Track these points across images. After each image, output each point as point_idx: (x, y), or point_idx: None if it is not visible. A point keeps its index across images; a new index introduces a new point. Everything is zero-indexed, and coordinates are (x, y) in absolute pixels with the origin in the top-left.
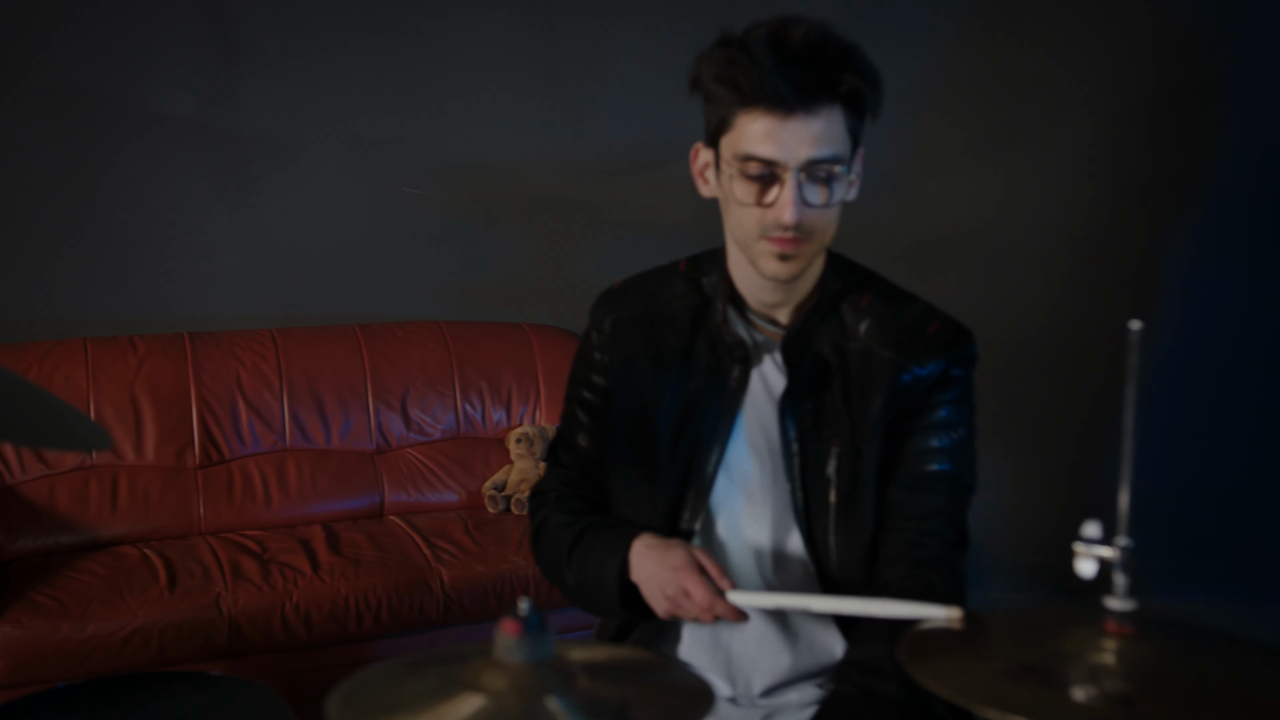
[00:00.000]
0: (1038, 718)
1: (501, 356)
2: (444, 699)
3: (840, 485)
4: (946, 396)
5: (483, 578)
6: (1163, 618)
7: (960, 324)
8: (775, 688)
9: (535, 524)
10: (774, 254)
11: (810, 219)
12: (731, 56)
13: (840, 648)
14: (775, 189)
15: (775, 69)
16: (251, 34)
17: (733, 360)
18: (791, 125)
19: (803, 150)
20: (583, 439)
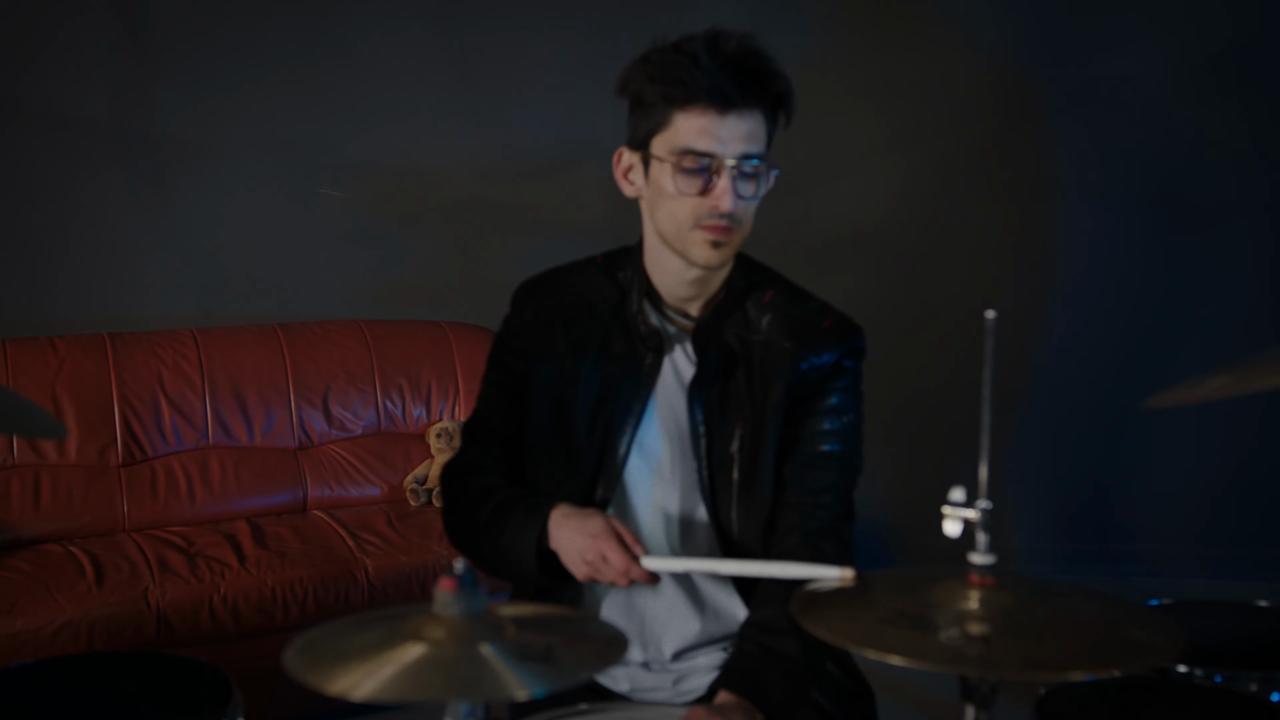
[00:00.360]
0: (909, 655)
1: (421, 354)
2: (390, 648)
3: (742, 463)
4: (838, 385)
5: (406, 567)
6: (1022, 574)
7: (851, 320)
8: (684, 651)
9: (449, 499)
10: (708, 241)
11: (740, 209)
12: (671, 59)
13: (743, 614)
14: (712, 180)
15: (717, 69)
16: (166, 36)
17: (647, 348)
18: (727, 122)
19: (736, 145)
20: (497, 420)
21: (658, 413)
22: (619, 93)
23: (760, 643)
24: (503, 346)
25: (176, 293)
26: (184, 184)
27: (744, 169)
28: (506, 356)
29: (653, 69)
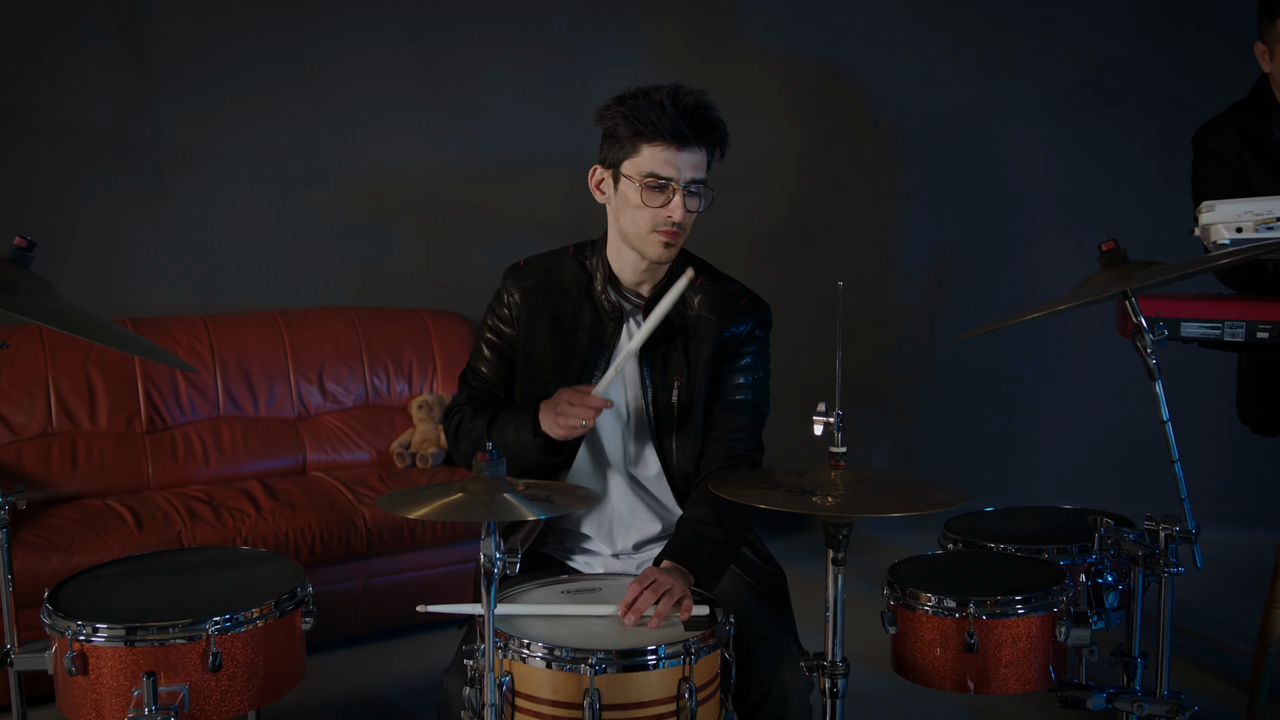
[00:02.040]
0: (791, 508)
1: (402, 337)
2: (446, 496)
3: (680, 409)
4: (751, 349)
5: (398, 516)
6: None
7: (762, 299)
8: (642, 544)
9: (452, 427)
10: (661, 242)
11: (686, 219)
12: (643, 104)
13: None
14: (669, 197)
15: (678, 116)
16: (166, 53)
17: (610, 320)
18: (683, 155)
19: (688, 173)
20: (486, 369)
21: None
22: (596, 122)
23: (692, 529)
24: (493, 314)
25: (178, 285)
26: (182, 186)
27: (691, 190)
28: (497, 322)
29: (628, 110)
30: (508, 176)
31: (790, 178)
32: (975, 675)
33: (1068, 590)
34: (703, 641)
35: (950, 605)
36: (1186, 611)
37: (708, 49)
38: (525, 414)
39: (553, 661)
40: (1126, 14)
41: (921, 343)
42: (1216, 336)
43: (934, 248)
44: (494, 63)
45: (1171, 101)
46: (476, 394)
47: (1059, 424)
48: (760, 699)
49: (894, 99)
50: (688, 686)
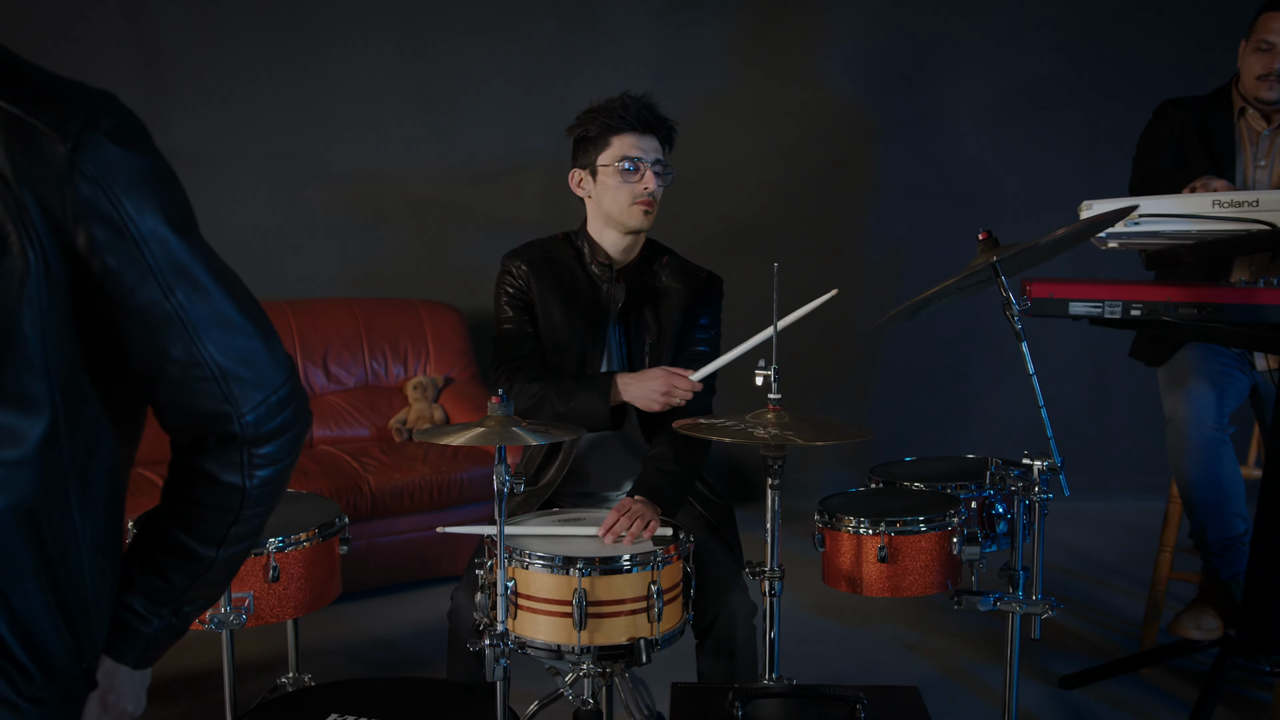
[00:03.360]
0: (736, 438)
1: (398, 325)
2: (470, 430)
3: (651, 360)
4: (707, 310)
5: (399, 482)
6: (800, 411)
7: (716, 274)
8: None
9: (509, 381)
10: (642, 211)
11: (658, 190)
12: (607, 106)
13: None
14: (642, 173)
15: (637, 110)
16: (176, 66)
17: (601, 282)
18: (645, 139)
19: (652, 153)
20: (514, 326)
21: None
22: (568, 134)
23: (655, 466)
24: (505, 287)
25: None
26: (192, 188)
27: (655, 168)
28: (512, 291)
29: (596, 115)
30: (491, 178)
31: (755, 177)
32: (888, 581)
33: (961, 515)
34: (666, 553)
35: (866, 525)
36: (1106, 568)
37: (678, 60)
38: (594, 385)
39: (549, 566)
40: (1052, 34)
41: (874, 329)
42: (1099, 314)
43: (885, 241)
44: (478, 74)
45: (1092, 111)
46: (519, 356)
47: (992, 399)
48: (712, 621)
49: (851, 106)
50: (655, 588)
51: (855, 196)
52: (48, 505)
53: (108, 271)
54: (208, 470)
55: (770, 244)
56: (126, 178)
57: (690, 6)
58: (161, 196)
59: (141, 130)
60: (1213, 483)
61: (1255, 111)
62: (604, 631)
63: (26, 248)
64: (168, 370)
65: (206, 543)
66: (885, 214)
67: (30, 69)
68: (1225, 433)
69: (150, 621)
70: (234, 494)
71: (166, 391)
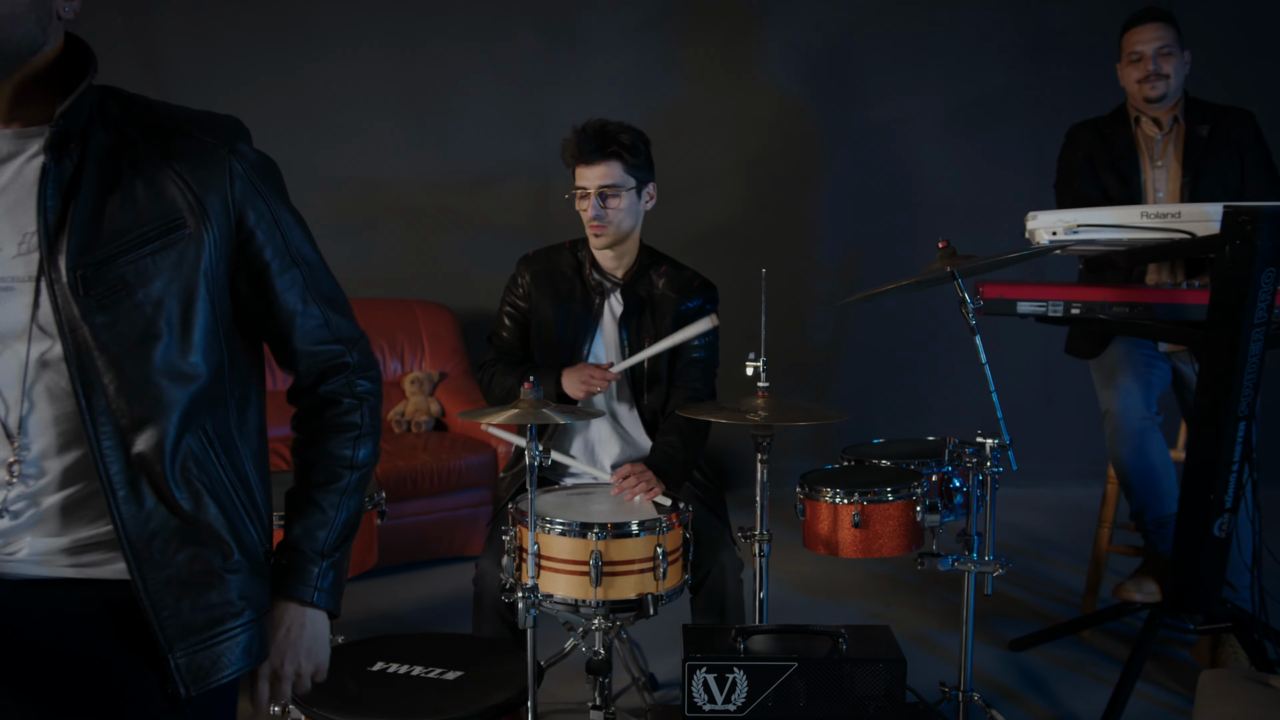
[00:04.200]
0: (730, 419)
1: (395, 323)
2: (505, 410)
3: (648, 364)
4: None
5: (402, 469)
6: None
7: (710, 281)
8: (616, 464)
9: (486, 378)
10: (592, 234)
11: (605, 216)
12: (568, 141)
13: (648, 444)
14: (586, 202)
15: (578, 142)
16: (178, 77)
17: (594, 294)
18: (592, 169)
19: (595, 181)
20: (507, 334)
21: (602, 333)
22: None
23: (663, 450)
24: (510, 292)
25: None
26: None
27: (600, 196)
28: (514, 299)
29: (564, 147)
30: (478, 184)
31: (727, 185)
32: (861, 545)
33: (923, 487)
34: (669, 520)
35: (842, 495)
36: (1052, 546)
37: (653, 74)
38: (550, 374)
39: (568, 531)
40: (1001, 51)
41: (836, 325)
42: (1044, 312)
43: (845, 245)
44: (467, 86)
45: (1039, 123)
46: (503, 354)
47: (950, 387)
48: (705, 574)
49: (814, 118)
50: (661, 550)
51: (817, 202)
52: (222, 426)
53: (258, 244)
54: (331, 394)
55: (739, 247)
56: (261, 174)
57: (665, 25)
58: (282, 189)
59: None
60: (1146, 468)
61: (1148, 119)
62: (616, 588)
63: (202, 230)
64: (299, 322)
65: (341, 463)
66: (845, 219)
67: (175, 106)
68: (1154, 422)
69: (311, 557)
70: (352, 410)
71: (298, 339)
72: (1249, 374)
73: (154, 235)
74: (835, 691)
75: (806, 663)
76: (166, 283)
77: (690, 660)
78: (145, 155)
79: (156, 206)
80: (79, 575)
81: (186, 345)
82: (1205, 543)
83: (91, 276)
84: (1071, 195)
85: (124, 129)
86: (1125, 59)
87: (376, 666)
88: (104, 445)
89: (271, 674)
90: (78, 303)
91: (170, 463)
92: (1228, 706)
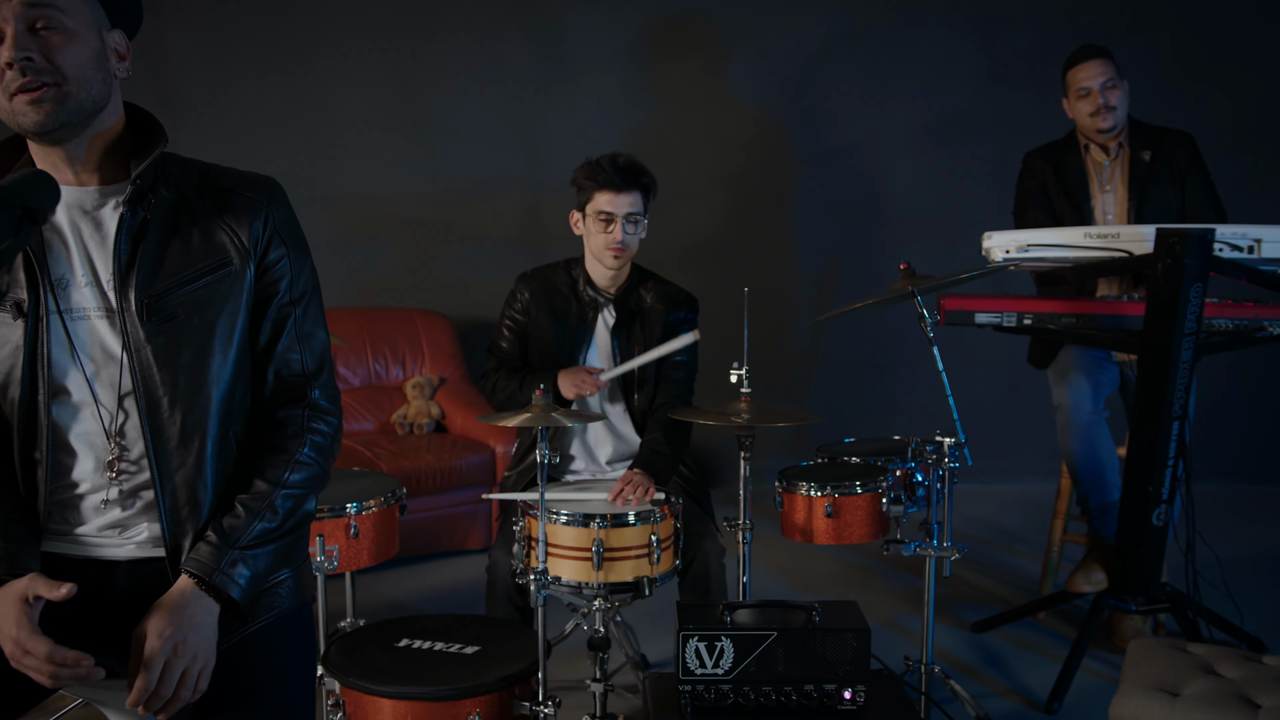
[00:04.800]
0: (717, 420)
1: (397, 331)
2: (519, 413)
3: (639, 370)
4: (686, 329)
5: (408, 469)
6: (761, 400)
7: (692, 295)
8: (611, 462)
9: (489, 385)
10: (612, 256)
11: (627, 240)
12: (594, 166)
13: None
14: (614, 226)
15: (614, 171)
16: (187, 94)
17: (588, 309)
18: (621, 197)
19: (625, 208)
20: (507, 345)
21: (596, 344)
22: (572, 183)
23: (650, 448)
24: (509, 306)
25: None
26: None
27: (628, 220)
28: (513, 313)
29: (587, 170)
30: (473, 198)
31: (707, 200)
32: (833, 532)
33: (889, 481)
34: (661, 511)
35: (816, 488)
36: (1013, 537)
37: (639, 94)
38: (549, 378)
39: (573, 521)
40: (966, 72)
41: (813, 333)
42: (999, 323)
43: (821, 257)
44: (462, 105)
45: (1001, 143)
46: (503, 363)
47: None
48: (691, 560)
49: (792, 136)
50: (655, 538)
51: (793, 217)
52: (238, 428)
53: (270, 277)
54: (283, 419)
55: (720, 260)
56: (288, 227)
57: (647, 48)
58: (303, 240)
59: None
60: (1092, 457)
61: (1096, 146)
62: (616, 571)
63: (244, 267)
64: (277, 351)
65: (270, 480)
66: (820, 232)
67: (225, 168)
68: (1101, 416)
69: (219, 545)
70: (295, 438)
71: (275, 361)
72: (1181, 378)
73: (206, 272)
74: (809, 657)
75: (784, 632)
76: (216, 310)
77: (684, 631)
78: (200, 209)
79: (208, 249)
80: (158, 554)
81: (225, 360)
82: (1145, 531)
83: (154, 306)
84: (1027, 223)
85: (182, 188)
86: (1074, 95)
87: (402, 643)
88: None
89: (155, 633)
90: (143, 327)
91: (204, 457)
92: (1150, 667)
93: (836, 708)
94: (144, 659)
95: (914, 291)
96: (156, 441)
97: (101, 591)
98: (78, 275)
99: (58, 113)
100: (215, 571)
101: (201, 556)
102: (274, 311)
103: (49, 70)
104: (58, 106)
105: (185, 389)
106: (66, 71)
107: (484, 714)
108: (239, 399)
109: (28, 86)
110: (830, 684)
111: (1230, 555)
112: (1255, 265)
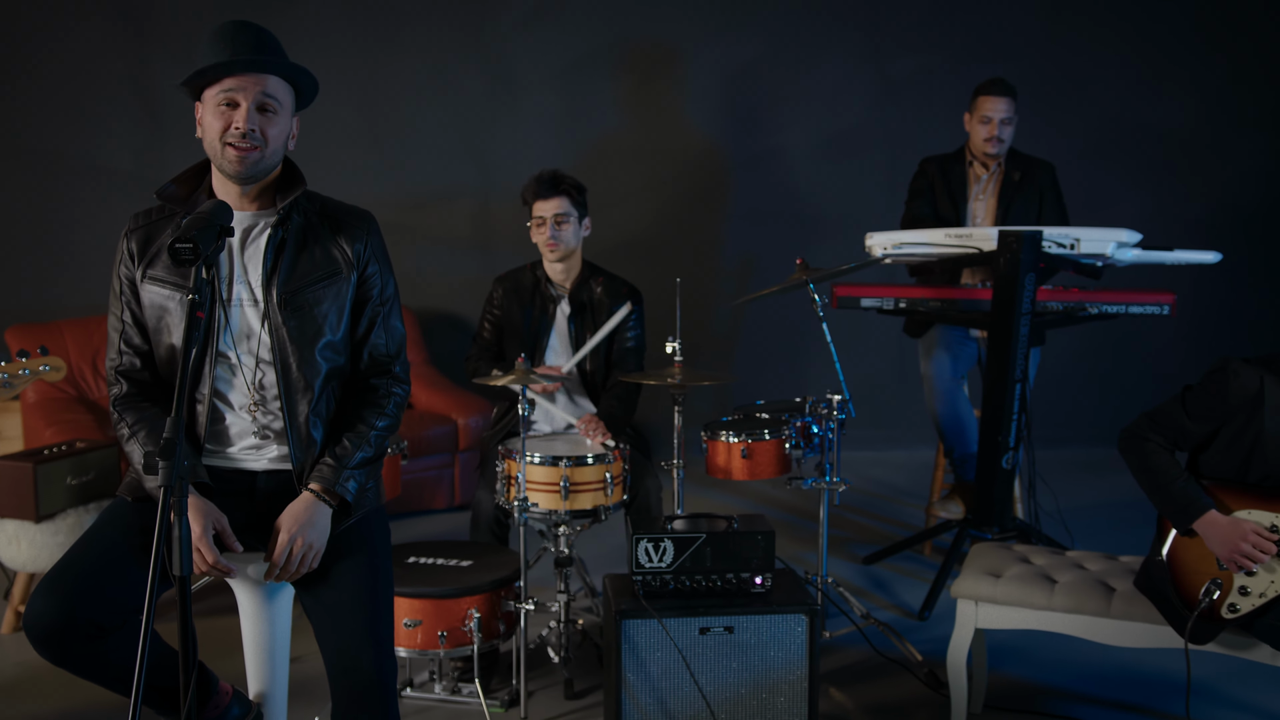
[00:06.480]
0: (655, 380)
1: None
2: (507, 375)
3: (593, 355)
4: (633, 318)
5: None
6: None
7: (635, 286)
8: (570, 427)
9: (472, 366)
10: (549, 250)
11: (558, 235)
12: (527, 185)
13: (592, 408)
14: (545, 226)
15: (536, 183)
16: (171, 109)
17: (549, 302)
18: (546, 203)
19: (550, 211)
20: (487, 335)
21: (556, 331)
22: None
23: (607, 410)
24: (490, 304)
25: None
26: None
27: (555, 222)
28: (491, 308)
29: (524, 188)
30: (429, 205)
31: (645, 202)
32: (748, 470)
33: (792, 429)
34: (613, 454)
35: (733, 434)
36: (902, 491)
37: (578, 110)
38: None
39: (544, 461)
40: (862, 94)
41: (733, 315)
42: (880, 306)
43: (741, 252)
44: (419, 121)
45: (891, 155)
46: (483, 351)
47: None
48: (636, 493)
49: (713, 146)
50: (609, 475)
51: (720, 216)
52: (339, 389)
53: (368, 286)
54: (374, 384)
55: (656, 254)
56: (380, 250)
57: (589, 66)
58: (389, 261)
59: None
60: (953, 416)
61: (979, 163)
62: (578, 501)
63: (349, 276)
64: (372, 337)
65: (367, 424)
66: (741, 230)
67: (338, 201)
68: (959, 384)
69: (335, 465)
70: (385, 397)
71: (369, 345)
72: (1020, 348)
73: (323, 277)
74: (729, 554)
75: (711, 535)
76: (329, 304)
77: (636, 535)
78: (321, 232)
79: (327, 261)
80: (284, 467)
81: (332, 339)
82: (998, 473)
83: (288, 299)
84: (912, 212)
85: (309, 215)
86: (976, 117)
87: (410, 560)
88: (291, 394)
89: (286, 529)
90: (280, 313)
91: (317, 403)
92: (983, 560)
93: (749, 591)
94: (277, 547)
95: (807, 281)
96: (287, 392)
97: (248, 492)
98: (234, 274)
99: (253, 169)
100: (336, 483)
101: (323, 473)
102: (369, 310)
103: (259, 139)
104: (254, 165)
105: (305, 357)
106: (270, 144)
107: (480, 609)
108: (338, 367)
109: (241, 146)
110: (746, 573)
111: (1078, 503)
112: (1076, 259)
